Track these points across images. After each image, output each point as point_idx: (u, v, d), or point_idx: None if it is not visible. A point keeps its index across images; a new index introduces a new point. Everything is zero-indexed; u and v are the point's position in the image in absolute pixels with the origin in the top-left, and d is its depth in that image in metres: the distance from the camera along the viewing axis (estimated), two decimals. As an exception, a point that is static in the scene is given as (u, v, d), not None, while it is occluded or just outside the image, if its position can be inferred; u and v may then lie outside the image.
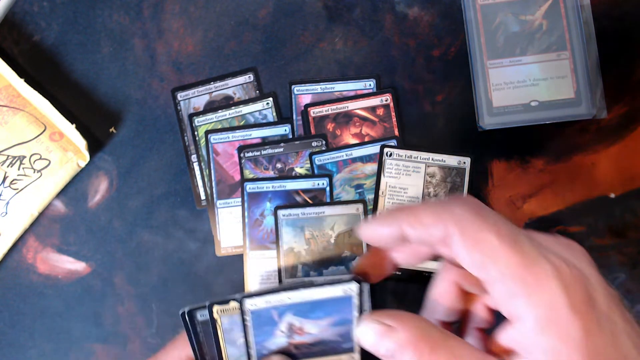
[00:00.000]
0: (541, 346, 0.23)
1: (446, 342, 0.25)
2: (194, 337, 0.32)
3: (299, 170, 0.43)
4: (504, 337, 0.25)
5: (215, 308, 0.32)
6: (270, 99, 0.43)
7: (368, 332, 0.26)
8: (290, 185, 0.42)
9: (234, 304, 0.31)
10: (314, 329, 0.31)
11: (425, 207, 0.26)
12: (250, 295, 0.31)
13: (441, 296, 0.30)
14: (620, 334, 0.23)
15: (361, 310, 0.30)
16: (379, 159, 0.42)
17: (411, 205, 0.27)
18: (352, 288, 0.30)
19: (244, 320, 0.32)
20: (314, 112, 0.43)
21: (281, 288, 0.30)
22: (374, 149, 0.42)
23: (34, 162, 0.42)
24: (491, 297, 0.25)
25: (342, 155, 0.42)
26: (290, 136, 0.43)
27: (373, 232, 0.28)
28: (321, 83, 0.43)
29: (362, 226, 0.28)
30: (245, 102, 0.43)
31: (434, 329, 0.25)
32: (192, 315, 0.32)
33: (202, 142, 0.43)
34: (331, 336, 0.32)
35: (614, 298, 0.24)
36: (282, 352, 0.32)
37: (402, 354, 0.25)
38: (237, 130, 0.43)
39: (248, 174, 0.43)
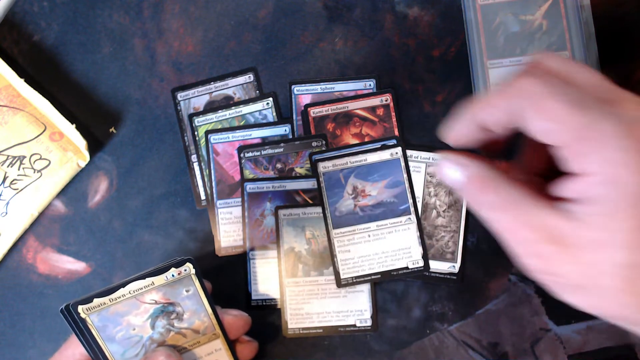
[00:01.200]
0: (605, 197, 0.24)
1: (508, 184, 0.27)
2: (79, 333, 0.32)
3: (299, 170, 0.43)
4: (567, 187, 0.26)
5: (80, 308, 0.32)
6: (270, 99, 0.43)
7: (447, 168, 0.29)
8: (290, 185, 0.42)
9: (98, 300, 0.32)
10: (373, 191, 0.34)
11: (495, 91, 0.27)
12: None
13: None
14: None
15: (408, 171, 0.35)
16: (379, 158, 0.42)
17: (483, 95, 0.28)
18: (398, 151, 0.37)
19: (318, 182, 0.38)
20: (314, 112, 0.43)
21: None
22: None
23: (34, 162, 0.42)
24: (561, 156, 0.26)
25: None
26: (290, 136, 0.43)
27: (455, 132, 0.30)
28: (321, 83, 0.43)
29: (443, 130, 0.30)
30: (245, 102, 0.43)
31: (498, 173, 0.28)
32: (71, 311, 0.32)
33: (202, 142, 0.43)
34: (388, 197, 0.37)
35: None
36: (349, 214, 0.36)
37: (471, 187, 0.28)
38: (237, 130, 0.43)
39: (248, 174, 0.43)
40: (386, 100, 0.43)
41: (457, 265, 0.42)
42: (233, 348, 0.36)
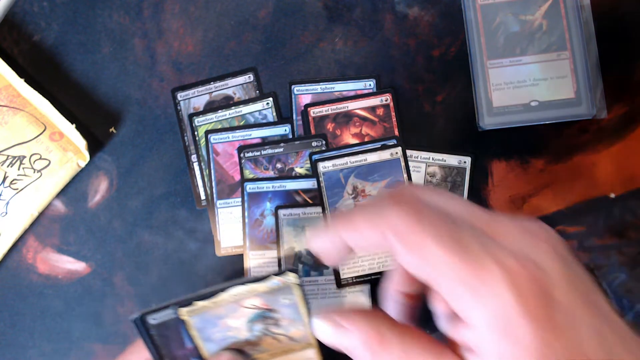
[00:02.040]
0: (494, 351, 0.22)
1: (400, 339, 0.24)
2: (150, 341, 0.32)
3: (299, 170, 0.43)
4: (460, 333, 0.24)
5: (181, 311, 0.32)
6: (270, 99, 0.43)
7: (323, 330, 0.27)
8: (290, 185, 0.42)
9: (201, 304, 0.32)
10: (373, 191, 0.34)
11: (360, 213, 0.25)
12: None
13: (397, 285, 0.29)
14: (584, 332, 0.22)
15: (408, 171, 0.33)
16: (379, 158, 0.42)
17: (349, 212, 0.26)
18: (398, 151, 0.37)
19: (318, 182, 0.37)
20: (314, 112, 0.43)
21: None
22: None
23: (34, 162, 0.42)
24: (444, 298, 0.23)
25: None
26: (290, 136, 0.43)
27: (319, 245, 0.27)
28: (321, 83, 0.43)
29: (310, 238, 0.28)
30: (245, 102, 0.43)
31: (389, 326, 0.25)
32: (144, 321, 0.32)
33: (202, 142, 0.43)
34: None
35: (582, 288, 0.22)
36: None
37: (355, 353, 0.25)
38: (237, 130, 0.43)
39: (248, 174, 0.43)
40: (386, 100, 0.43)
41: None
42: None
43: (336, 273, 0.41)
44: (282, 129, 0.43)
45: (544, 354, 0.21)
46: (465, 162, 0.42)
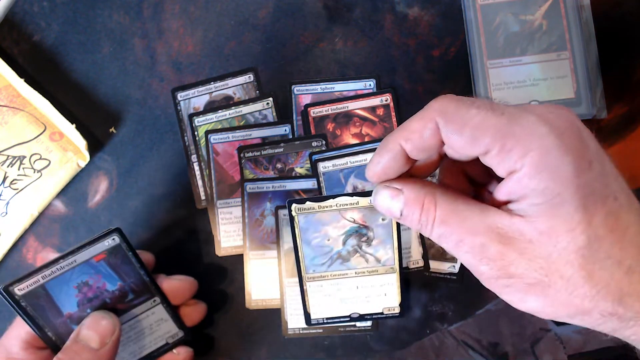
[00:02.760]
0: (535, 188, 0.25)
1: (447, 197, 0.27)
2: (23, 313, 0.34)
3: (299, 170, 0.43)
4: (502, 191, 0.26)
5: (294, 206, 0.36)
6: (270, 99, 0.43)
7: (381, 197, 0.29)
8: (290, 185, 0.42)
9: (309, 204, 0.36)
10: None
11: (409, 120, 0.28)
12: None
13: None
14: (609, 175, 0.25)
15: None
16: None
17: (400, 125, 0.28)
18: None
19: (318, 182, 0.38)
20: (314, 112, 0.43)
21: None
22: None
23: (34, 162, 0.42)
24: (489, 164, 0.26)
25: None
26: (290, 136, 0.43)
27: (377, 166, 0.29)
28: (321, 83, 0.43)
29: (367, 168, 0.30)
30: (245, 102, 0.43)
31: (437, 188, 0.28)
32: (10, 292, 0.33)
33: (202, 142, 0.43)
34: None
35: (602, 148, 0.26)
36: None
37: (410, 211, 0.28)
38: (237, 130, 0.43)
39: (248, 174, 0.43)
40: (386, 100, 0.43)
41: (457, 265, 0.42)
42: (403, 288, 0.39)
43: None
44: (282, 129, 0.43)
45: (578, 184, 0.24)
46: (465, 162, 0.42)
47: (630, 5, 0.43)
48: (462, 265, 0.42)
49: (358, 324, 0.41)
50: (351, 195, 0.35)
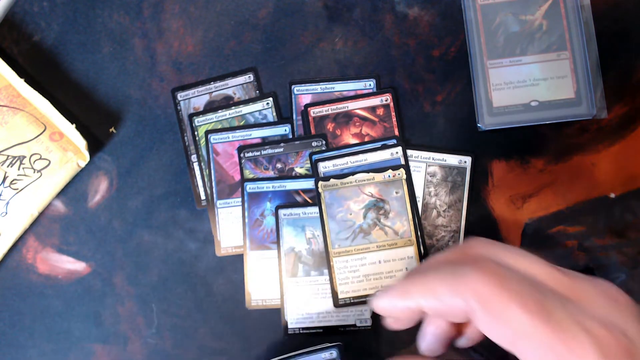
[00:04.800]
0: None
1: None
2: None
3: (299, 170, 0.43)
4: None
5: (320, 183, 0.40)
6: (270, 99, 0.43)
7: None
8: (290, 185, 0.42)
9: (334, 181, 0.40)
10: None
11: (439, 278, 0.24)
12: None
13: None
14: None
15: (409, 171, 0.40)
16: (379, 158, 0.43)
17: (423, 274, 0.25)
18: (398, 151, 0.41)
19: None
20: (314, 112, 0.43)
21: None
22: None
23: (34, 162, 0.42)
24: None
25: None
26: (290, 136, 0.43)
27: (388, 306, 0.26)
28: (321, 83, 0.43)
29: (376, 299, 0.27)
30: (245, 102, 0.43)
31: None
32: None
33: (202, 142, 0.43)
34: None
35: None
36: None
37: None
38: (237, 130, 0.43)
39: (248, 174, 0.43)
40: (386, 100, 0.43)
41: (457, 265, 0.42)
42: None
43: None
44: (282, 129, 0.43)
45: None
46: (465, 161, 0.42)
47: (630, 5, 0.43)
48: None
49: (358, 323, 0.41)
50: (367, 171, 0.39)
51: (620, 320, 0.22)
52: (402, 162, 0.42)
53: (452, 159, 0.42)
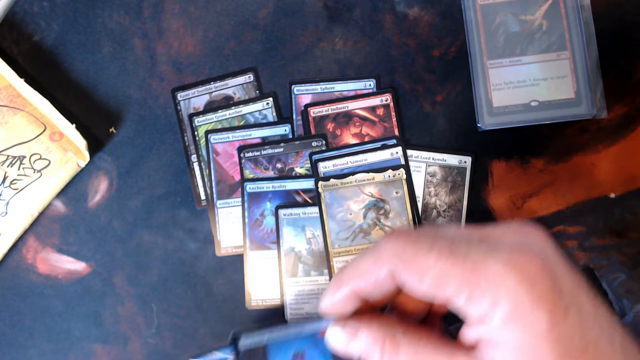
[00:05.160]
0: (507, 341, 0.23)
1: (410, 338, 0.25)
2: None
3: (299, 170, 0.43)
4: (470, 333, 0.24)
5: (320, 183, 0.40)
6: (270, 99, 0.43)
7: (336, 338, 0.27)
8: (290, 185, 0.42)
9: (334, 181, 0.39)
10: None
11: (362, 260, 0.26)
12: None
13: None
14: (587, 319, 0.23)
15: (409, 171, 0.40)
16: (379, 158, 0.43)
17: (349, 265, 0.26)
18: (398, 151, 0.41)
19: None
20: (314, 112, 0.43)
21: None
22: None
23: (34, 162, 0.42)
24: (455, 310, 0.24)
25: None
26: (290, 136, 0.43)
27: (331, 304, 0.27)
28: (321, 83, 0.43)
29: (321, 302, 0.28)
30: (245, 102, 0.43)
31: (397, 328, 0.26)
32: (235, 341, 0.32)
33: (202, 142, 0.43)
34: None
35: (579, 281, 0.24)
36: None
37: (369, 355, 0.26)
38: (237, 130, 0.43)
39: (248, 174, 0.43)
40: (386, 100, 0.43)
41: (457, 265, 0.42)
42: None
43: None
44: (282, 129, 0.43)
45: (553, 337, 0.22)
46: (465, 161, 0.42)
47: (630, 5, 0.43)
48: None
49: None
50: (367, 171, 0.39)
51: (536, 244, 0.24)
52: (402, 162, 0.42)
53: (452, 159, 0.42)
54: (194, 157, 0.44)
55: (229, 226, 0.43)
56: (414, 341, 0.25)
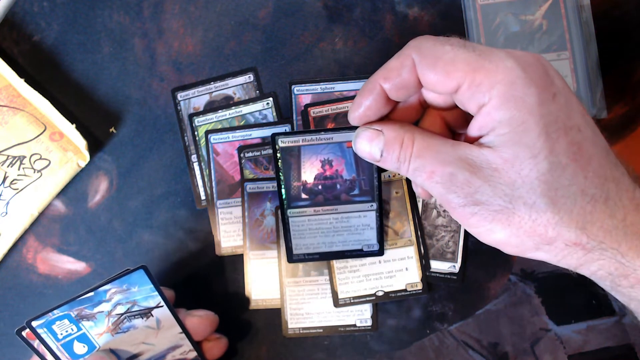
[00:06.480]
0: (501, 119, 0.26)
1: (424, 135, 0.29)
2: (274, 161, 0.37)
3: (299, 170, 0.43)
4: (473, 127, 0.28)
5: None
6: (270, 99, 0.43)
7: (361, 140, 0.30)
8: (290, 185, 0.42)
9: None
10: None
11: (390, 61, 0.29)
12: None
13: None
14: (574, 109, 0.26)
15: None
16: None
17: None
18: None
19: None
20: (314, 112, 0.43)
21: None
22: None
23: (34, 162, 0.42)
24: (462, 102, 0.28)
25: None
26: (290, 136, 0.43)
27: (359, 108, 0.30)
28: (321, 83, 0.43)
29: (349, 111, 0.31)
30: (245, 102, 0.43)
31: (416, 128, 0.29)
32: (274, 139, 0.37)
33: (202, 142, 0.43)
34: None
35: (572, 93, 0.27)
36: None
37: (390, 150, 0.29)
38: (237, 130, 0.43)
39: (248, 174, 0.43)
40: (386, 100, 0.43)
41: (458, 265, 0.42)
42: (427, 264, 0.41)
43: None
44: (282, 129, 0.43)
45: (542, 113, 0.26)
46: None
47: (630, 5, 0.43)
48: (462, 265, 0.42)
49: (358, 323, 0.41)
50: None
51: (538, 57, 0.27)
52: None
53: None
54: (194, 157, 0.44)
55: (229, 226, 0.43)
56: (427, 137, 0.29)
